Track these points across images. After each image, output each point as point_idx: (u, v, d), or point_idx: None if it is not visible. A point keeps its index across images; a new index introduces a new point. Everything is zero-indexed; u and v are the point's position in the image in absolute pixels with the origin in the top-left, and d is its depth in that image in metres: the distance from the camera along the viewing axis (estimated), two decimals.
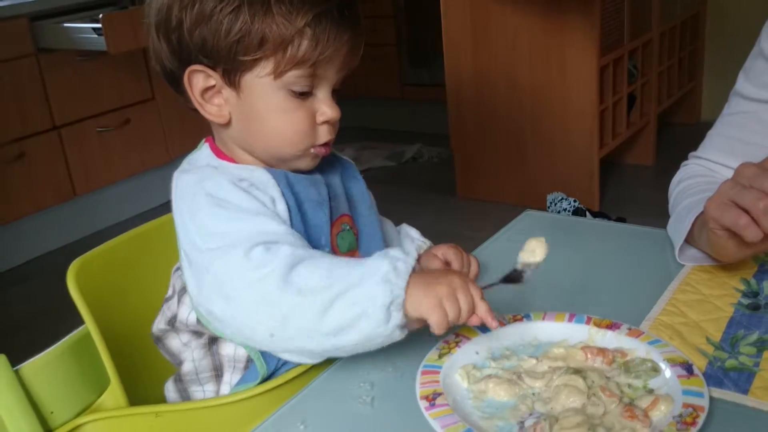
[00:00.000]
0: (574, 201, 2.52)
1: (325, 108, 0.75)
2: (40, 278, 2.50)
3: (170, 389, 0.83)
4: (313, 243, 0.75)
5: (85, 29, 2.47)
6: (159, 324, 0.83)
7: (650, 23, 2.90)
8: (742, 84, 0.97)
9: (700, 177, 0.97)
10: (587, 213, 2.48)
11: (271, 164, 0.77)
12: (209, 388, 0.80)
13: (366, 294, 0.63)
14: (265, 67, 0.71)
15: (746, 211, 0.70)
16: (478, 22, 2.63)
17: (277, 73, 0.71)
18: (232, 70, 0.72)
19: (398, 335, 0.65)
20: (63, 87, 2.62)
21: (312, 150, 0.76)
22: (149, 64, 2.91)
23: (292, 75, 0.71)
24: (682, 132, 3.35)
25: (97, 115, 2.73)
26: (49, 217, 2.68)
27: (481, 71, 2.69)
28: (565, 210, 2.45)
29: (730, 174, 0.96)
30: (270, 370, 0.76)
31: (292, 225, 0.73)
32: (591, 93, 2.54)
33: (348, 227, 0.81)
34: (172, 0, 0.72)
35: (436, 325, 0.64)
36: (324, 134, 0.76)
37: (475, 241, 1.02)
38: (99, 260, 0.86)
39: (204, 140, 0.81)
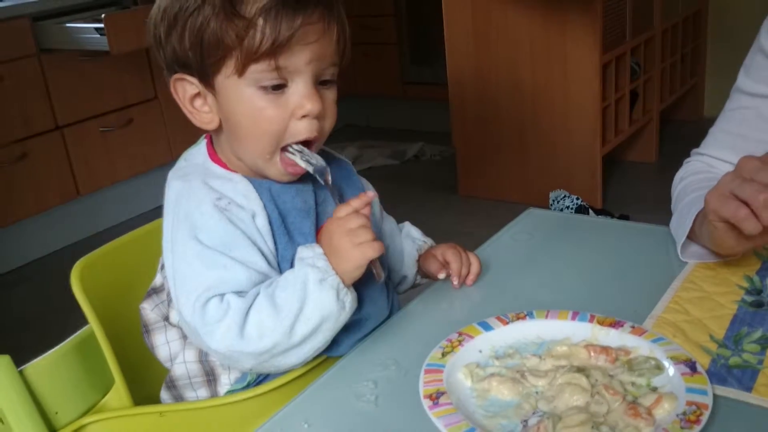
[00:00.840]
0: (577, 198, 2.52)
1: (304, 101, 0.72)
2: (43, 279, 2.51)
3: (166, 398, 0.83)
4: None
5: (87, 29, 2.47)
6: (148, 312, 0.83)
7: (652, 20, 2.89)
8: (742, 80, 0.97)
9: (701, 174, 0.97)
10: (590, 211, 2.48)
11: (254, 171, 0.77)
12: (202, 393, 0.80)
13: (315, 305, 0.71)
14: (230, 66, 0.71)
15: (746, 204, 0.70)
16: (480, 19, 2.63)
17: (240, 70, 0.71)
18: (204, 74, 0.73)
19: (355, 302, 0.74)
20: (65, 87, 2.62)
21: (278, 159, 0.74)
22: (152, 64, 2.93)
23: (255, 70, 0.71)
24: (684, 129, 3.34)
25: (99, 116, 2.73)
26: (52, 218, 2.69)
27: (482, 69, 2.68)
28: (567, 208, 2.45)
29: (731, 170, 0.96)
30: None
31: (274, 236, 0.75)
32: (593, 90, 2.53)
33: None
34: (155, 18, 0.74)
35: (377, 251, 0.73)
36: (302, 129, 0.73)
37: (477, 239, 1.02)
38: (103, 260, 0.86)
39: (204, 136, 0.82)
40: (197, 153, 0.80)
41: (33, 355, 0.81)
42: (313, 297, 0.70)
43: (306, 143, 0.75)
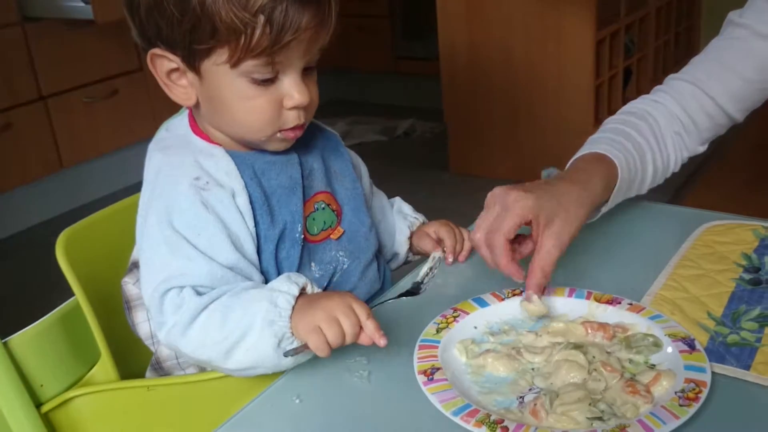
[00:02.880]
0: None
1: (294, 92, 0.71)
2: (28, 251, 2.48)
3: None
4: (288, 230, 0.76)
5: None
6: (130, 286, 0.81)
7: None
8: (734, 13, 0.93)
9: (628, 114, 0.93)
10: None
11: (242, 144, 0.76)
12: (191, 372, 0.78)
13: (255, 342, 0.66)
14: (221, 55, 0.68)
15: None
16: None
17: (233, 63, 0.68)
18: (189, 56, 0.70)
19: (304, 358, 0.69)
20: (50, 57, 2.56)
21: (279, 134, 0.73)
22: None
23: (249, 64, 0.68)
24: None
25: (84, 86, 2.68)
26: (36, 190, 2.64)
27: (475, 45, 2.65)
28: None
29: (687, 101, 0.92)
30: None
31: (255, 215, 0.73)
32: (587, 67, 2.51)
33: (324, 205, 0.80)
34: None
35: (315, 348, 0.65)
36: (292, 119, 0.73)
37: (468, 216, 1.00)
38: (88, 231, 0.84)
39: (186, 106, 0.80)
40: (179, 123, 0.78)
41: (18, 327, 0.79)
42: (255, 333, 0.66)
43: (293, 129, 0.74)
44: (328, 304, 0.66)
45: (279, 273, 0.75)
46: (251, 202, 0.73)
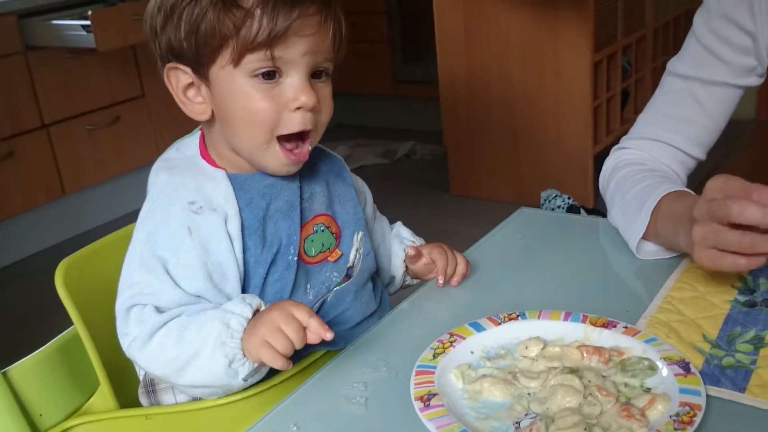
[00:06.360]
0: (568, 198, 2.51)
1: (298, 93, 0.72)
2: (29, 278, 2.48)
3: (144, 404, 0.82)
4: (281, 253, 0.77)
5: (74, 26, 2.45)
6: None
7: (644, 19, 2.90)
8: (674, 64, 0.99)
9: (635, 165, 0.97)
10: (581, 210, 2.48)
11: (251, 164, 0.77)
12: (182, 398, 0.79)
13: (206, 362, 0.69)
14: (225, 56, 0.71)
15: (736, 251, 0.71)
16: (471, 18, 2.62)
17: (235, 60, 0.71)
18: (198, 64, 0.73)
19: (258, 377, 0.71)
20: (52, 85, 2.59)
21: (279, 147, 0.74)
22: (138, 61, 2.90)
23: (250, 60, 0.71)
24: None
25: (86, 113, 2.71)
26: (38, 217, 2.66)
27: (474, 67, 2.68)
28: (559, 207, 2.45)
29: (660, 155, 0.97)
30: None
31: (244, 241, 0.75)
32: (585, 89, 2.53)
33: (324, 227, 0.81)
34: (151, 9, 0.75)
35: (269, 362, 0.67)
36: (296, 121, 0.73)
37: (469, 238, 1.01)
38: (88, 260, 0.85)
39: (199, 128, 0.82)
40: (190, 144, 0.80)
41: (17, 357, 0.80)
42: (206, 354, 0.68)
43: (302, 136, 0.75)
44: (269, 317, 0.68)
45: (266, 296, 0.76)
46: (243, 228, 0.75)
